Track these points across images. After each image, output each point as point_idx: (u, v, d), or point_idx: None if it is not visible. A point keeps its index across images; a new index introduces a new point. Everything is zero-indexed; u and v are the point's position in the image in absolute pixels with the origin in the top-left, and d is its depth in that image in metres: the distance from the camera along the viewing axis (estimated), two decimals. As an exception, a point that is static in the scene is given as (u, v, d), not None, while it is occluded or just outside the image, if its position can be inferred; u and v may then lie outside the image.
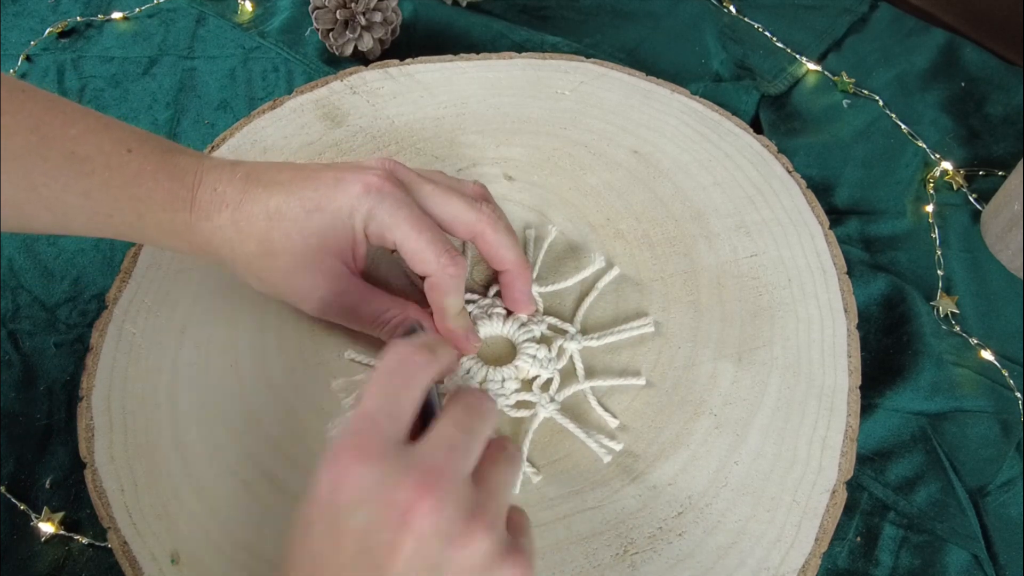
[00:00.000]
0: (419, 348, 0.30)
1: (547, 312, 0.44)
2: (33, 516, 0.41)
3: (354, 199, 0.37)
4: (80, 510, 0.41)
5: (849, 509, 0.41)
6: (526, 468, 0.39)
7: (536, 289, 0.44)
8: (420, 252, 0.37)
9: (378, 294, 0.40)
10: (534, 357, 0.41)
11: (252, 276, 0.39)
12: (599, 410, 0.41)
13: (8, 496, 0.41)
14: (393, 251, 0.39)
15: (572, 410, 0.41)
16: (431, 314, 0.40)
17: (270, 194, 0.37)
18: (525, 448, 0.39)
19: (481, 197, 0.40)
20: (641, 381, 0.42)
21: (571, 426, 0.40)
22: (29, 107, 0.36)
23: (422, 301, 0.40)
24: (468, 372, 0.40)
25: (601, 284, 0.45)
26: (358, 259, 0.39)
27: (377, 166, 0.38)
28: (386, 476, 0.27)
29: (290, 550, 0.28)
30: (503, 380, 0.40)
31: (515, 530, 0.30)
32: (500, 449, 0.31)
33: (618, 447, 0.40)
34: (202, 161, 0.38)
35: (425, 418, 0.30)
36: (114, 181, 0.36)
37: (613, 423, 0.40)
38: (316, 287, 0.38)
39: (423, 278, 0.39)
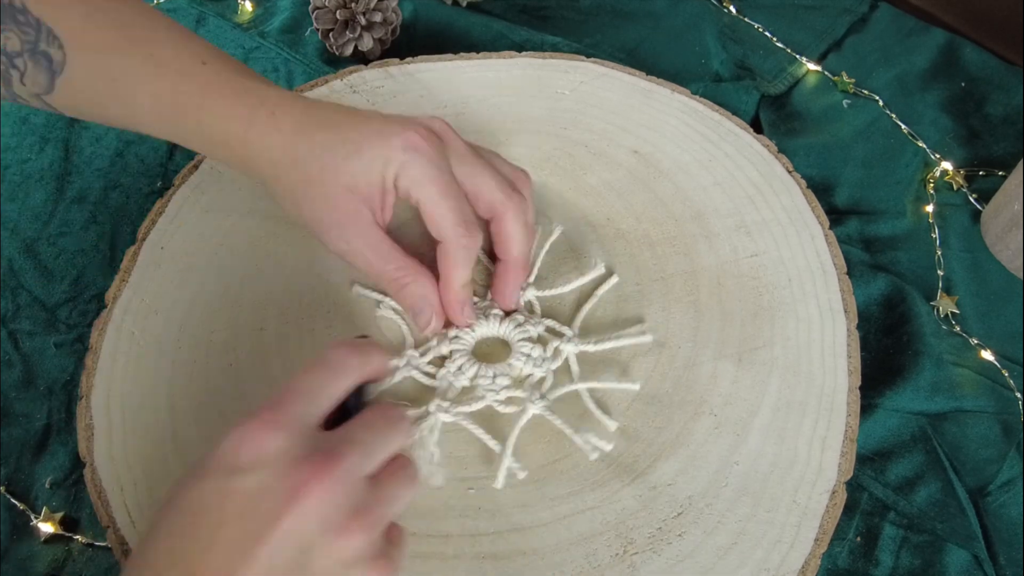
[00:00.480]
0: (355, 349, 0.32)
1: (545, 314, 0.44)
2: (33, 516, 0.41)
3: (390, 150, 0.38)
4: (80, 510, 0.41)
5: (849, 509, 0.41)
6: (511, 463, 0.38)
7: (534, 293, 0.44)
8: (439, 216, 0.38)
9: (397, 253, 0.40)
10: (528, 356, 0.41)
11: (287, 201, 0.40)
12: (597, 413, 0.40)
13: (8, 496, 0.41)
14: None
15: (572, 413, 0.41)
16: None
17: (320, 129, 0.39)
18: (511, 443, 0.39)
19: (516, 183, 0.41)
20: (635, 387, 0.41)
21: (558, 422, 0.39)
22: (123, 9, 0.40)
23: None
24: (459, 368, 0.40)
25: (600, 292, 0.45)
26: (386, 209, 0.40)
27: (425, 123, 0.40)
28: (289, 449, 0.28)
29: (176, 492, 0.28)
30: (494, 376, 0.40)
31: (391, 541, 0.31)
32: (403, 465, 0.32)
33: (608, 447, 0.39)
34: (269, 87, 0.40)
35: (344, 419, 0.32)
36: (183, 87, 0.39)
37: (612, 426, 0.40)
38: (341, 226, 0.39)
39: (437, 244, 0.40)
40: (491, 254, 0.44)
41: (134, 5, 0.40)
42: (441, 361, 0.41)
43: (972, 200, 0.56)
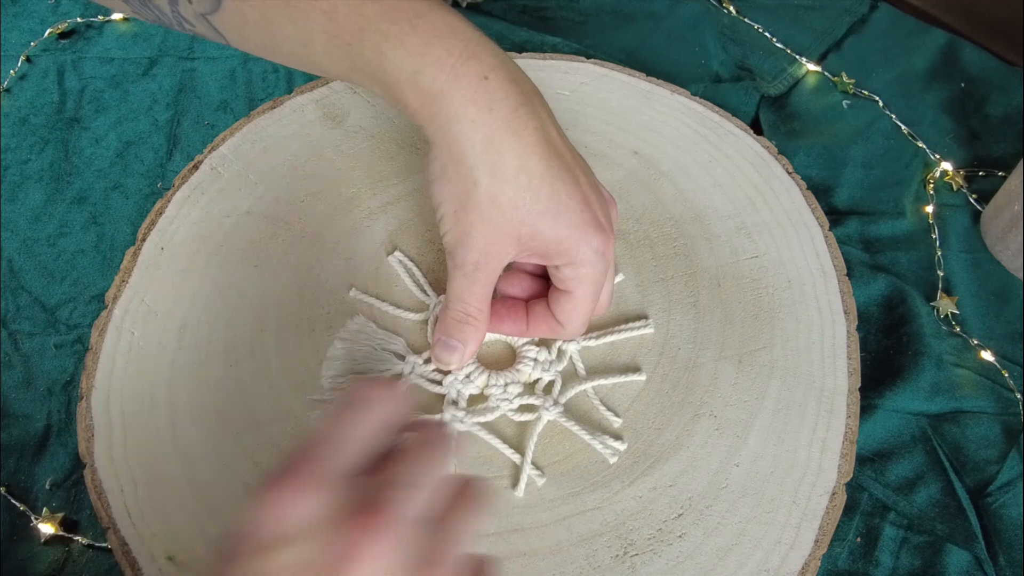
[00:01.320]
0: (374, 382, 0.28)
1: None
2: (33, 517, 0.41)
3: (583, 244, 0.35)
4: (80, 511, 0.41)
5: (849, 510, 0.41)
6: (531, 471, 0.39)
7: None
8: (578, 313, 0.38)
9: (488, 296, 0.38)
10: (535, 360, 0.41)
11: (435, 173, 0.35)
12: (602, 409, 0.41)
13: (8, 497, 0.41)
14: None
15: (574, 411, 0.41)
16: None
17: (533, 151, 0.34)
18: (530, 452, 0.39)
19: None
20: (642, 377, 0.42)
21: (576, 428, 0.40)
22: None
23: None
24: (468, 377, 0.40)
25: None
26: (519, 267, 0.39)
27: (612, 218, 0.38)
28: (326, 509, 0.24)
29: None
30: (505, 385, 0.40)
31: (480, 574, 0.27)
32: (464, 490, 0.28)
33: (622, 447, 0.40)
34: (474, 31, 0.34)
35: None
36: (367, 9, 0.32)
37: (616, 422, 0.40)
38: (485, 253, 0.36)
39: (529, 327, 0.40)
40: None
41: None
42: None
43: (972, 201, 0.56)
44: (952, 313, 0.50)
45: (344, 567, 0.23)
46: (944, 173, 0.57)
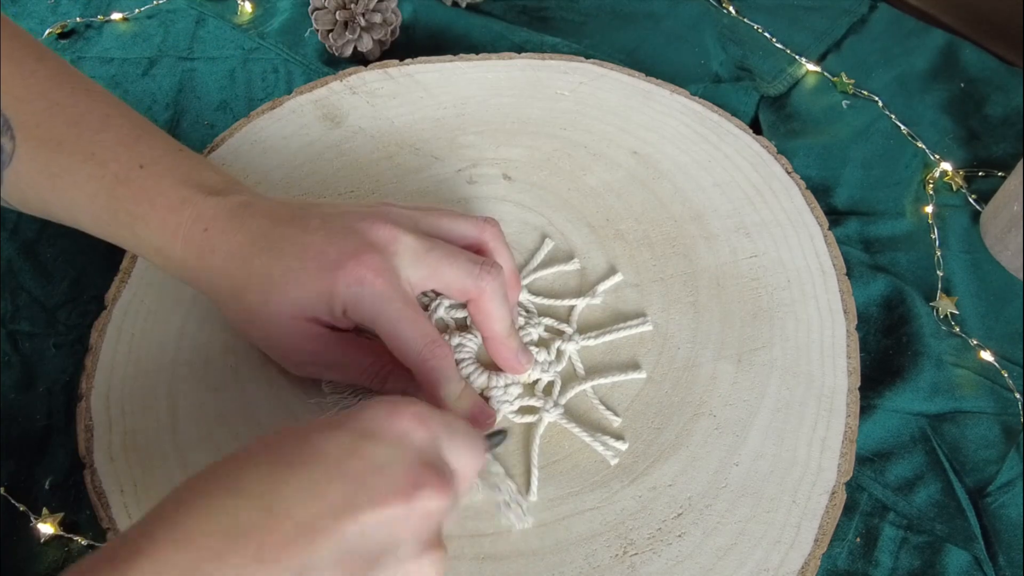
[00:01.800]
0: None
1: (543, 313, 0.44)
2: (32, 517, 0.41)
3: (334, 286, 0.35)
4: (79, 511, 0.41)
5: (849, 510, 0.41)
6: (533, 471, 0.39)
7: (527, 296, 0.44)
8: (399, 348, 0.36)
9: (367, 351, 0.38)
10: (534, 361, 0.41)
11: (233, 324, 0.39)
12: (601, 409, 0.41)
13: (7, 497, 0.41)
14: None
15: (574, 411, 0.41)
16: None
17: (258, 252, 0.36)
18: (534, 454, 0.39)
19: (483, 246, 0.39)
20: (642, 375, 0.42)
21: (576, 430, 0.40)
22: (82, 104, 0.39)
23: None
24: (468, 378, 0.40)
25: (603, 287, 0.45)
26: (340, 324, 0.38)
27: (370, 238, 0.36)
28: (426, 449, 0.28)
29: (290, 433, 0.28)
30: (506, 386, 0.40)
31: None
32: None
33: (623, 447, 0.40)
34: (207, 198, 0.37)
35: None
36: (118, 192, 0.37)
37: (615, 421, 0.40)
38: (295, 349, 0.38)
39: None
40: None
41: (93, 95, 0.39)
42: None
43: (972, 201, 0.56)
44: (952, 313, 0.50)
45: (409, 492, 0.27)
46: (944, 173, 0.57)
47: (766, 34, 0.65)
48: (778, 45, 0.64)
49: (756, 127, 0.58)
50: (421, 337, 0.36)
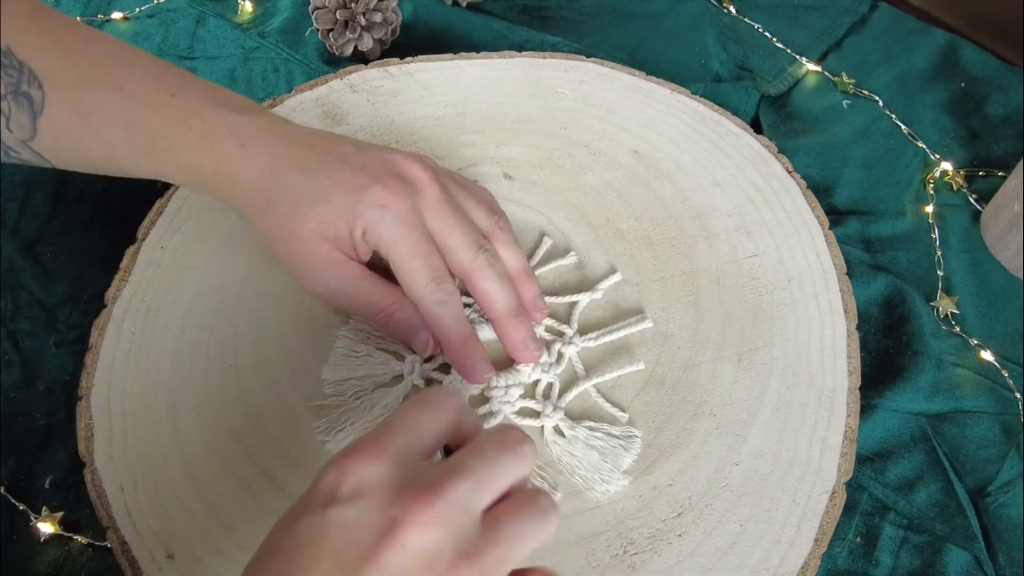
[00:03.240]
0: (451, 392, 0.31)
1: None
2: (33, 516, 0.41)
3: (359, 205, 0.37)
4: (79, 510, 0.41)
5: (849, 509, 0.41)
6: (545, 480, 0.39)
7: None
8: (408, 275, 0.38)
9: (376, 285, 0.40)
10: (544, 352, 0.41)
11: (261, 240, 0.40)
12: (607, 406, 0.41)
13: (8, 496, 0.41)
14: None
15: (577, 413, 0.41)
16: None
17: (291, 168, 0.38)
18: (541, 459, 0.39)
19: (491, 231, 0.41)
20: (640, 366, 0.42)
21: (586, 429, 0.40)
22: (96, 44, 0.40)
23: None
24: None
25: (603, 286, 0.45)
26: (360, 253, 0.39)
27: (400, 171, 0.39)
28: (390, 478, 0.26)
29: (274, 531, 0.28)
30: (507, 387, 0.40)
31: None
32: (530, 499, 0.28)
33: (640, 433, 0.40)
34: (241, 115, 0.39)
35: None
36: (153, 120, 0.38)
37: (623, 417, 0.40)
38: (314, 269, 0.39)
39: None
40: None
41: (107, 40, 0.41)
42: (448, 368, 0.41)
43: (972, 200, 0.56)
44: (952, 313, 0.50)
45: (390, 532, 0.25)
46: (944, 173, 0.57)
47: (766, 34, 0.65)
48: (778, 45, 0.64)
49: (756, 126, 0.58)
50: (431, 270, 0.38)
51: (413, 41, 0.63)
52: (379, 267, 0.40)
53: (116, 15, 0.64)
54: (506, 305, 0.40)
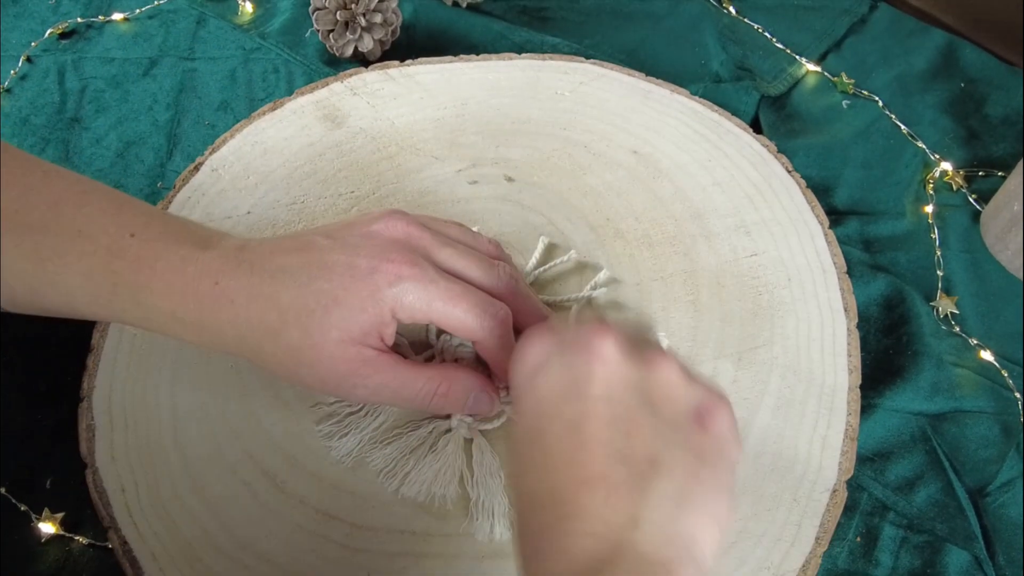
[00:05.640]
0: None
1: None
2: (34, 516, 0.41)
3: (378, 293, 0.35)
4: (81, 510, 0.41)
5: (849, 509, 0.41)
6: None
7: None
8: (462, 324, 0.36)
9: (418, 369, 0.37)
10: None
11: (276, 371, 0.36)
12: None
13: (9, 496, 0.41)
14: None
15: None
16: (471, 366, 0.40)
17: (279, 287, 0.35)
18: None
19: (499, 274, 0.39)
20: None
21: None
22: (56, 185, 0.36)
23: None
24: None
25: (598, 283, 0.45)
26: (386, 338, 0.36)
27: (390, 235, 0.36)
28: (562, 338, 0.32)
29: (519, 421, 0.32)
30: (507, 388, 0.40)
31: None
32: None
33: None
34: (204, 250, 0.36)
35: None
36: (115, 265, 0.35)
37: None
38: (351, 375, 0.36)
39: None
40: None
41: (68, 179, 0.37)
42: None
43: (972, 200, 0.56)
44: (952, 313, 0.50)
45: (591, 353, 0.31)
46: (944, 173, 0.57)
47: (766, 34, 0.65)
48: (778, 45, 0.65)
49: (756, 127, 0.58)
50: (474, 305, 0.36)
51: (413, 42, 0.63)
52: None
53: (116, 16, 0.64)
54: (536, 311, 0.39)
